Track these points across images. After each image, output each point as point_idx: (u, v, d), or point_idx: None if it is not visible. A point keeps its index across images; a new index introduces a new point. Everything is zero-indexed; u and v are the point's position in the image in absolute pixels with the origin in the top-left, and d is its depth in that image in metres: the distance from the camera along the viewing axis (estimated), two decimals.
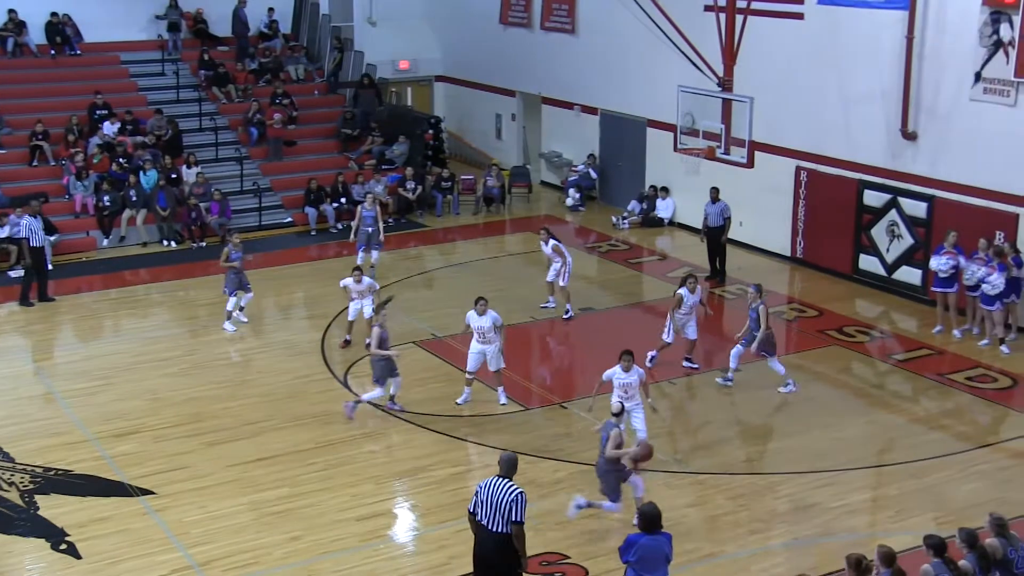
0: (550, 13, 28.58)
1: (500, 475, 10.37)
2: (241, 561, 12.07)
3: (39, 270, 20.64)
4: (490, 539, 10.31)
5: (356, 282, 17.93)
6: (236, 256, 19.05)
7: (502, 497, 10.19)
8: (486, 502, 10.27)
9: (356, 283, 17.94)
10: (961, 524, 10.89)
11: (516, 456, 10.66)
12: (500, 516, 10.20)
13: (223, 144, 27.22)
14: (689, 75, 21.37)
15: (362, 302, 18.05)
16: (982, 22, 18.55)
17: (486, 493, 10.28)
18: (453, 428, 15.32)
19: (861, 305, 20.54)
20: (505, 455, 10.60)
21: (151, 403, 16.22)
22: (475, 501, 10.39)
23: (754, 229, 23.36)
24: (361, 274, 18.12)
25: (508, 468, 10.44)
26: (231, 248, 19.06)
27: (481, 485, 10.39)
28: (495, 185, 27.43)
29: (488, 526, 10.28)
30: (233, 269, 19.00)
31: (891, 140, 20.49)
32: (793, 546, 12.44)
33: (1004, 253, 17.66)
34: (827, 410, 15.88)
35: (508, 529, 10.25)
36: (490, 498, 10.24)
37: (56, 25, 28.36)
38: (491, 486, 10.29)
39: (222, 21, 29.99)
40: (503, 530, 10.25)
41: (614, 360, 13.89)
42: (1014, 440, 15.02)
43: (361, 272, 18.20)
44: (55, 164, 25.29)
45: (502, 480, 10.31)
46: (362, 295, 18.04)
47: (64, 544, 12.40)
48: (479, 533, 10.41)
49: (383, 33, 32.09)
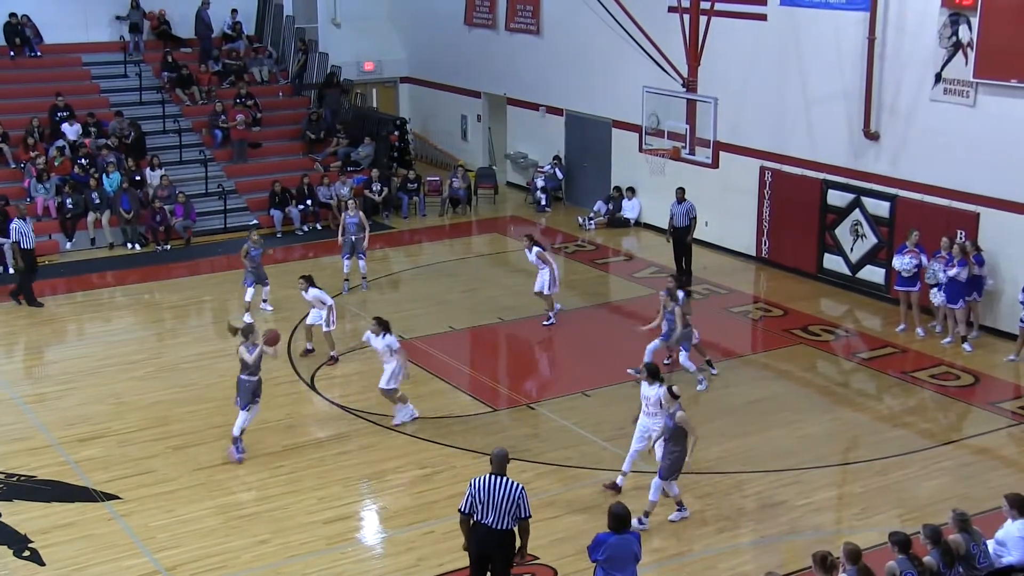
0: (515, 14, 28.61)
1: (493, 473, 10.36)
2: (209, 565, 12.00)
3: (33, 271, 20.65)
4: (494, 537, 10.30)
5: (303, 291, 17.49)
6: (256, 252, 19.32)
7: (506, 494, 10.20)
8: (487, 502, 10.23)
9: (303, 292, 17.49)
10: (925, 521, 11.03)
11: (507, 451, 10.72)
12: (506, 514, 10.22)
13: (187, 146, 27.04)
14: (654, 76, 21.46)
15: (320, 313, 17.59)
16: (941, 24, 18.75)
17: (485, 493, 10.24)
18: (419, 430, 15.30)
19: (826, 304, 20.70)
20: (497, 452, 10.60)
21: (116, 407, 16.09)
22: (469, 501, 10.32)
23: (719, 229, 23.49)
24: (308, 283, 17.43)
25: (501, 465, 10.43)
26: (250, 245, 19.33)
27: (475, 485, 10.32)
28: (461, 186, 27.41)
29: (493, 525, 10.25)
30: (252, 265, 19.26)
31: (854, 140, 20.66)
32: (760, 544, 12.52)
33: (967, 251, 17.86)
34: (792, 408, 16.00)
35: (512, 525, 10.27)
36: (491, 497, 10.22)
37: (15, 26, 28.05)
38: (488, 485, 10.26)
39: (184, 22, 29.80)
40: (507, 527, 10.27)
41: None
42: (976, 437, 15.19)
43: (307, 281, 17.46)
44: (15, 167, 25.03)
45: (498, 478, 10.30)
46: (314, 305, 17.58)
47: (27, 551, 12.27)
48: (479, 532, 10.36)
49: (347, 34, 32.02)
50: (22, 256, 20.42)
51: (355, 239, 20.69)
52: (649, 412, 13.13)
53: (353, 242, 20.71)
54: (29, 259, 20.56)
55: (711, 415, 15.64)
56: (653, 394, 13.07)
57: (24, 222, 20.63)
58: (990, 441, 14.99)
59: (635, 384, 16.68)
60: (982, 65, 18.16)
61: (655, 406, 13.03)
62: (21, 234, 20.40)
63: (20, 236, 20.39)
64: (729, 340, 18.95)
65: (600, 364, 17.38)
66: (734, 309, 20.37)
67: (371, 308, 20.06)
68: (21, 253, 20.41)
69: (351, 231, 20.64)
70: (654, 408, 13.05)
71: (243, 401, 14.34)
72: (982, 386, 16.85)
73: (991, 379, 17.05)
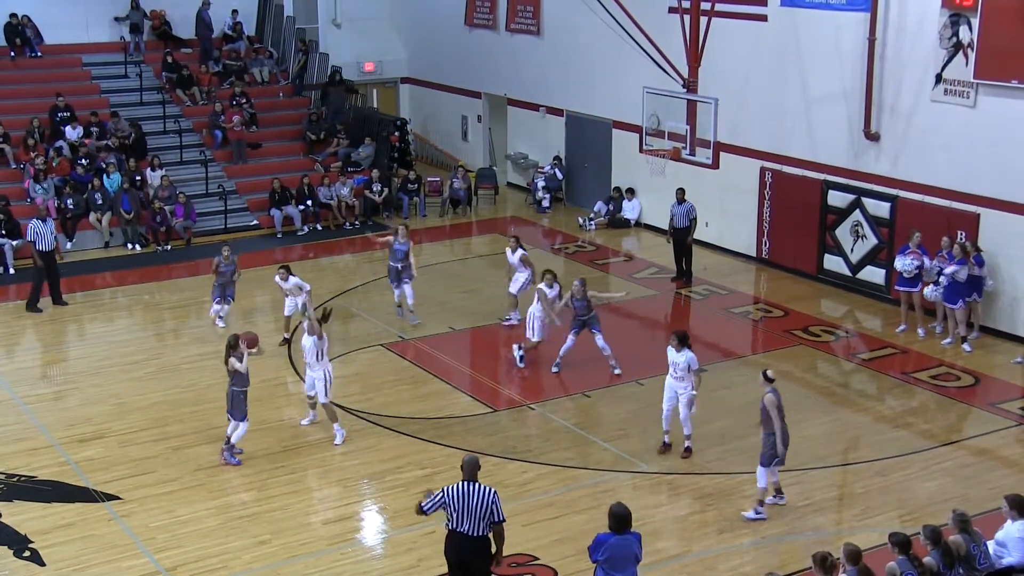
0: (515, 15, 28.61)
1: (465, 479, 10.33)
2: (209, 566, 12.00)
3: (51, 273, 20.46)
4: (470, 544, 10.26)
5: (283, 280, 17.77)
6: (226, 268, 19.04)
7: (479, 501, 10.16)
8: (461, 510, 10.19)
9: (283, 281, 17.77)
10: (925, 521, 11.04)
11: (477, 457, 10.68)
12: (480, 520, 10.18)
13: (187, 147, 27.05)
14: (654, 76, 21.45)
15: (296, 300, 17.86)
16: (942, 24, 18.75)
17: (459, 501, 10.19)
18: (420, 431, 15.30)
19: (826, 305, 20.70)
20: (467, 458, 10.57)
21: (116, 407, 16.10)
22: (436, 507, 10.28)
23: (720, 230, 23.49)
24: (287, 272, 17.77)
25: (472, 471, 10.41)
26: (220, 259, 19.02)
27: (448, 494, 10.27)
28: (461, 187, 27.41)
29: (468, 532, 10.21)
30: (220, 280, 18.97)
31: (854, 141, 20.67)
32: (760, 545, 12.51)
33: (967, 251, 17.85)
34: (792, 409, 15.89)
35: (486, 531, 10.24)
36: (465, 505, 10.18)
37: (16, 27, 28.05)
38: (462, 492, 10.22)
39: (185, 23, 29.81)
40: (482, 533, 10.23)
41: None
42: (976, 438, 15.19)
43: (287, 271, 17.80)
44: (16, 167, 25.03)
45: (471, 484, 10.27)
46: (292, 293, 17.84)
47: (28, 551, 12.27)
48: (456, 540, 10.32)
49: (348, 35, 32.02)
50: (40, 257, 20.26)
51: (401, 266, 19.01)
52: (676, 376, 14.29)
53: (399, 270, 19.05)
54: (46, 260, 20.38)
55: (711, 416, 15.63)
56: (681, 360, 14.16)
57: (43, 223, 20.44)
58: (990, 442, 14.99)
59: (637, 383, 16.74)
60: (983, 66, 18.17)
61: (682, 370, 14.21)
62: (37, 234, 20.27)
63: (36, 236, 20.26)
64: (729, 341, 18.96)
65: (600, 365, 17.37)
66: (734, 310, 20.36)
67: (375, 309, 20.04)
68: (38, 255, 20.25)
69: (398, 257, 18.97)
70: (681, 372, 14.23)
71: (241, 412, 14.23)
72: (982, 387, 16.85)
73: (991, 380, 17.05)
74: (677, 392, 14.31)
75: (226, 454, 14.31)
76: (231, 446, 14.32)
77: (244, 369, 14.15)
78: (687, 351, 14.15)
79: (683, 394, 14.29)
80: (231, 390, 14.27)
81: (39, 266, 20.33)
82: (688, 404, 14.34)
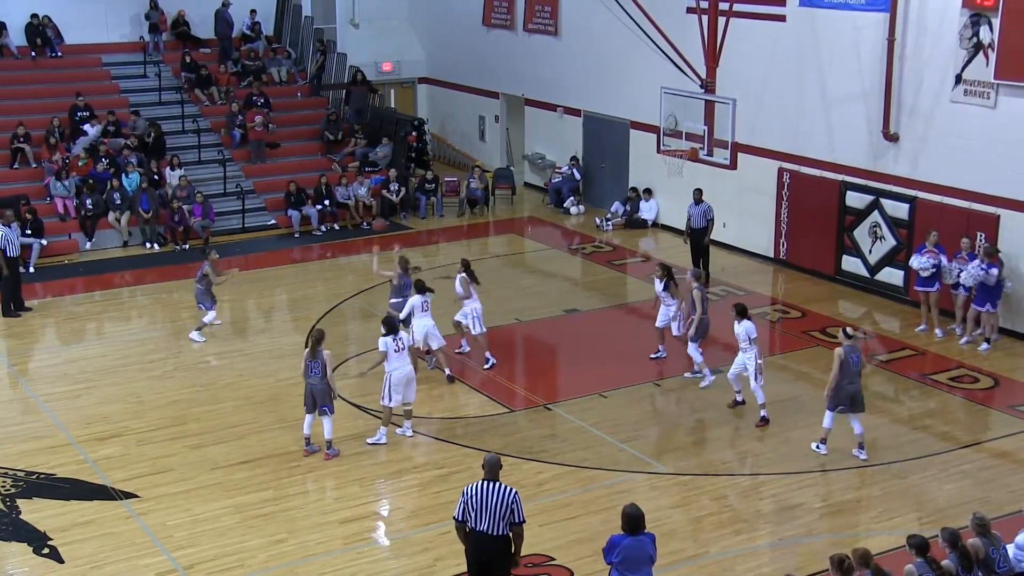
0: (533, 15, 28.60)
1: (486, 479, 10.33)
2: (225, 564, 12.04)
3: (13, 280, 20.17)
4: (491, 544, 10.25)
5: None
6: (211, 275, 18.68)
7: (500, 501, 10.16)
8: (480, 508, 10.18)
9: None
10: (944, 524, 10.98)
11: (499, 457, 10.65)
12: (500, 519, 10.17)
13: (206, 146, 27.13)
14: (672, 77, 21.40)
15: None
16: (962, 24, 18.65)
17: (478, 500, 10.19)
18: (437, 431, 15.31)
19: (844, 306, 20.61)
20: (489, 457, 10.55)
21: (134, 406, 16.16)
22: (463, 508, 10.28)
23: (737, 230, 23.43)
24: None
25: (493, 471, 10.40)
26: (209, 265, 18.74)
27: (468, 493, 10.28)
28: (478, 187, 27.42)
29: (488, 531, 10.21)
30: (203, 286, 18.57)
31: (873, 141, 20.58)
32: (778, 546, 12.47)
33: (992, 253, 17.73)
34: (810, 411, 15.91)
35: (507, 531, 10.23)
36: (485, 504, 10.17)
37: (36, 27, 28.21)
38: (482, 491, 10.22)
39: (204, 23, 29.92)
40: (502, 533, 10.23)
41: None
42: (996, 440, 15.10)
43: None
44: (37, 166, 25.17)
45: (491, 484, 10.26)
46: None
47: (47, 548, 12.34)
48: (476, 539, 10.31)
49: (366, 35, 32.07)
50: (5, 263, 19.87)
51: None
52: (742, 348, 15.15)
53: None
54: (11, 267, 20.00)
55: (728, 416, 15.60)
56: (741, 331, 15.00)
57: (10, 229, 20.14)
58: (1010, 444, 14.89)
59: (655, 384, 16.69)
60: (1003, 66, 18.05)
61: (745, 342, 15.02)
62: (7, 240, 19.99)
63: (6, 243, 19.94)
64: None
65: (617, 365, 17.35)
66: (752, 311, 20.16)
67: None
68: (5, 260, 19.89)
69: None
70: (744, 344, 15.06)
71: (325, 403, 14.29)
72: (1002, 389, 16.75)
73: (1011, 382, 16.94)
74: (746, 363, 15.12)
75: (329, 452, 14.38)
76: (329, 442, 14.39)
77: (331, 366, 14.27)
78: (746, 321, 15.01)
79: (750, 363, 15.04)
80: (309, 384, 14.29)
81: (4, 275, 19.92)
82: (754, 374, 15.06)
